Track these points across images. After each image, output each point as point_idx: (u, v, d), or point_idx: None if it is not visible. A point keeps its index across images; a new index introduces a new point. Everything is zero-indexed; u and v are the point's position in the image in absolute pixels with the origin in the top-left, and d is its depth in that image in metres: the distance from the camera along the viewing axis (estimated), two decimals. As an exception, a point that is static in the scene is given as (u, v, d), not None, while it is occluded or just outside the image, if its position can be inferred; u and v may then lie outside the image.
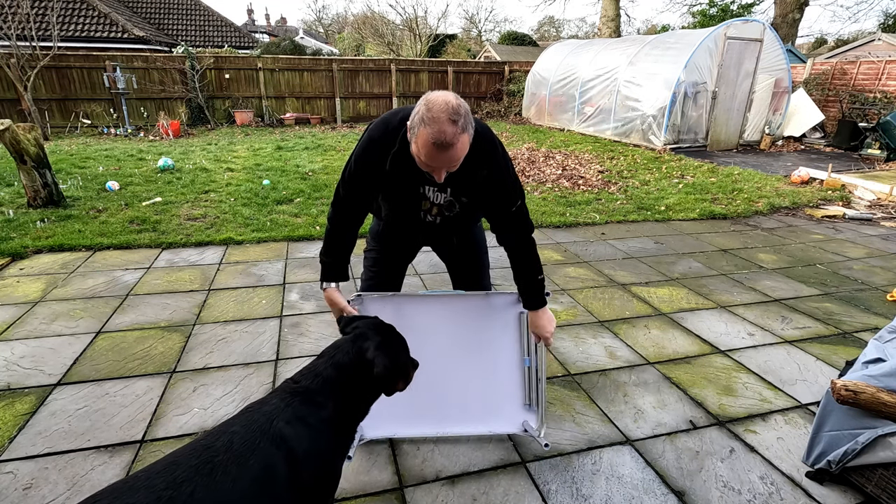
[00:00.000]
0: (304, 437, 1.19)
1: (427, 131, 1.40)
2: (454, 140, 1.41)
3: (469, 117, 1.46)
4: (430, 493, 1.84)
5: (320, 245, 4.34)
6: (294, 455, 1.15)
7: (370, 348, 1.38)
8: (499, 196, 1.73)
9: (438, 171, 1.51)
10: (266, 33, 31.65)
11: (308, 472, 1.18)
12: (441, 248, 2.17)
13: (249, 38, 19.69)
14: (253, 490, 1.08)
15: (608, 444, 2.11)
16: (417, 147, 1.47)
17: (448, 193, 1.74)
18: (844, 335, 3.09)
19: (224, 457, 1.10)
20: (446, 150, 1.42)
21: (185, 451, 1.13)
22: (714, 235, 5.01)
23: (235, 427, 1.18)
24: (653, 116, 9.41)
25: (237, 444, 1.13)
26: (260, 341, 2.83)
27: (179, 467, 1.06)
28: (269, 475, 1.11)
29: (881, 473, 1.77)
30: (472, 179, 1.67)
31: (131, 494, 1.00)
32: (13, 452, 1.97)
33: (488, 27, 43.24)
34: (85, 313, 3.10)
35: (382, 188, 1.73)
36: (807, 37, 32.86)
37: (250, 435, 1.15)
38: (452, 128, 1.39)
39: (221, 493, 1.05)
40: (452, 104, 1.42)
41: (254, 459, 1.11)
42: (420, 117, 1.43)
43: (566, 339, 2.96)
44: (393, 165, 1.63)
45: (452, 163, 1.48)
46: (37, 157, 4.91)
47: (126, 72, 11.22)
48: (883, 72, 10.25)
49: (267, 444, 1.14)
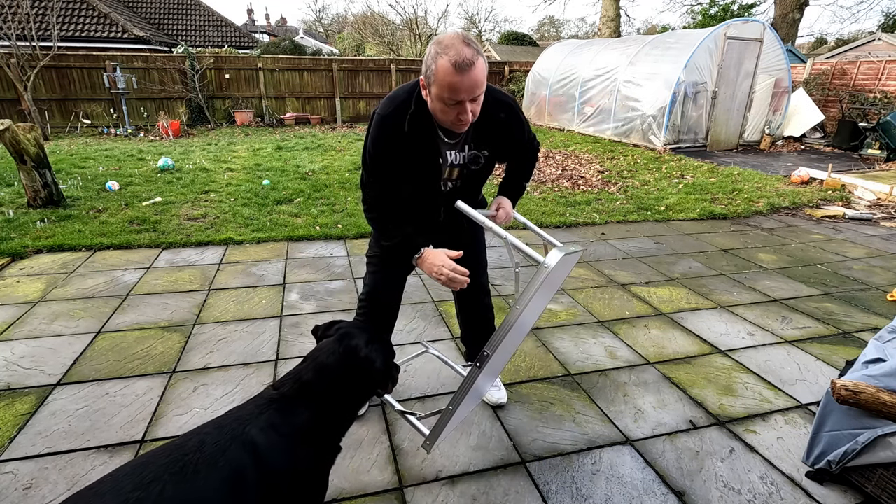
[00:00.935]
0: (275, 445, 1.17)
1: (445, 59, 1.42)
2: (474, 59, 1.43)
3: (480, 47, 1.49)
4: (430, 493, 1.84)
5: (320, 245, 4.39)
6: (264, 462, 1.13)
7: (361, 346, 1.33)
8: (517, 132, 1.81)
9: (463, 107, 1.49)
10: (266, 33, 31.65)
11: (280, 481, 1.16)
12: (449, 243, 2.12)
13: (249, 38, 19.69)
14: (222, 490, 1.07)
15: (608, 444, 2.11)
16: (438, 86, 1.47)
17: (468, 149, 1.75)
18: (844, 335, 3.09)
19: (194, 457, 1.09)
20: (468, 70, 1.43)
21: (155, 452, 1.12)
22: (714, 235, 5.01)
23: (208, 429, 1.17)
24: (653, 116, 9.41)
25: (208, 445, 1.11)
26: (260, 341, 2.83)
27: (148, 467, 1.05)
28: (238, 478, 1.09)
29: (881, 473, 1.77)
30: (493, 125, 1.71)
31: (97, 500, 0.98)
32: (13, 452, 1.97)
33: (488, 27, 43.28)
34: (85, 313, 3.10)
35: (404, 160, 1.68)
36: (807, 37, 32.90)
37: (221, 438, 1.14)
38: (468, 48, 1.43)
39: (191, 490, 1.04)
40: (462, 33, 1.47)
41: (223, 461, 1.09)
42: (434, 54, 1.46)
43: (566, 339, 2.96)
44: (412, 126, 1.62)
45: (477, 89, 1.48)
46: (37, 157, 4.91)
47: (126, 72, 11.22)
48: (883, 72, 10.25)
49: (237, 449, 1.12)
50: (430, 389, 2.45)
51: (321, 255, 4.18)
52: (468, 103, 1.50)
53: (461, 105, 1.49)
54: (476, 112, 1.56)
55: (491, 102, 1.65)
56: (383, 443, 2.08)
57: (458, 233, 2.05)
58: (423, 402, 2.36)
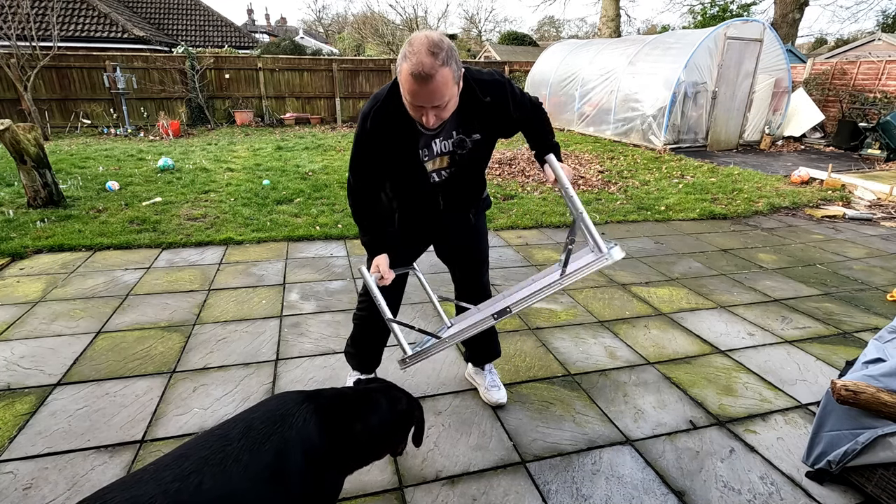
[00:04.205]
0: (316, 438, 1.22)
1: (407, 65, 1.41)
2: (432, 71, 1.39)
3: (453, 53, 1.44)
4: (430, 493, 1.84)
5: (320, 245, 4.40)
6: (307, 451, 1.18)
7: (403, 399, 1.56)
8: (513, 109, 1.73)
9: (426, 112, 1.49)
10: (266, 33, 31.66)
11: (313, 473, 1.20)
12: (454, 231, 2.08)
13: (249, 38, 19.69)
14: (263, 476, 1.10)
15: (608, 444, 2.11)
16: (402, 86, 1.47)
17: (456, 135, 1.73)
18: (844, 335, 3.09)
19: (237, 445, 1.12)
20: (426, 82, 1.40)
21: (196, 443, 1.14)
22: (714, 235, 5.01)
23: (256, 415, 1.22)
24: (653, 116, 9.41)
25: (255, 430, 1.15)
26: (260, 341, 2.83)
27: (188, 459, 1.08)
28: (282, 462, 1.13)
29: (881, 473, 1.77)
30: (480, 109, 1.66)
31: (139, 487, 1.01)
32: (13, 452, 1.97)
33: (488, 27, 43.31)
34: (85, 313, 3.10)
35: (386, 153, 1.71)
36: (807, 37, 32.91)
37: (267, 425, 1.18)
38: (431, 59, 1.38)
39: (231, 482, 1.06)
40: (433, 38, 1.41)
41: (269, 445, 1.13)
42: (402, 54, 1.44)
43: (566, 339, 2.96)
44: (388, 120, 1.62)
45: (436, 99, 1.45)
46: (37, 157, 4.91)
47: (126, 72, 11.22)
48: (883, 72, 10.24)
49: (283, 433, 1.17)
50: (430, 390, 2.45)
51: (321, 255, 4.18)
52: (429, 110, 1.49)
53: (422, 108, 1.49)
54: (442, 117, 1.54)
55: (473, 87, 1.63)
56: (383, 443, 2.08)
57: (461, 221, 2.03)
58: (423, 402, 2.35)
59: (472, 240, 2.12)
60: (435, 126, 1.57)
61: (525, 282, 1.82)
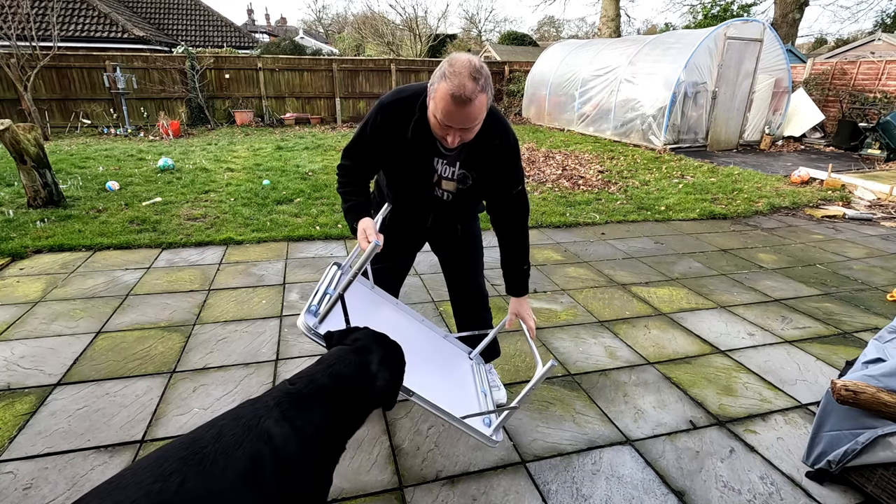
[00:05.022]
0: (290, 437, 1.19)
1: (447, 85, 1.42)
2: (473, 96, 1.42)
3: (489, 81, 1.48)
4: (430, 493, 1.84)
5: (320, 245, 4.40)
6: (280, 453, 1.16)
7: (374, 362, 1.39)
8: (506, 171, 1.76)
9: (453, 132, 1.51)
10: (266, 33, 31.67)
11: (294, 471, 1.18)
12: (441, 241, 2.14)
13: (249, 38, 19.69)
14: (241, 480, 1.09)
15: (608, 444, 2.11)
16: (435, 104, 1.49)
17: (458, 167, 1.75)
18: (844, 335, 3.09)
19: (213, 448, 1.10)
20: (464, 105, 1.43)
21: (172, 445, 1.13)
22: (714, 235, 5.01)
23: (224, 420, 1.19)
24: (653, 116, 9.41)
25: (226, 436, 1.13)
26: (260, 341, 2.83)
27: (167, 461, 1.07)
28: (256, 467, 1.11)
29: (881, 473, 1.77)
30: (485, 149, 1.68)
31: (120, 493, 1.00)
32: (13, 452, 1.97)
33: (488, 27, 43.28)
34: (85, 313, 3.10)
35: (397, 157, 1.73)
36: (807, 37, 32.89)
37: (238, 429, 1.16)
38: (473, 84, 1.41)
39: (212, 481, 1.06)
40: (475, 63, 1.45)
41: (241, 451, 1.11)
42: (442, 73, 1.45)
43: (566, 339, 2.96)
44: (414, 133, 1.64)
45: (468, 122, 1.48)
46: (37, 157, 4.91)
47: (126, 72, 11.22)
48: (883, 72, 10.25)
49: (254, 439, 1.14)
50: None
51: (321, 255, 4.18)
52: (458, 131, 1.51)
53: (450, 129, 1.51)
54: (466, 138, 1.56)
55: (489, 125, 1.63)
56: (383, 443, 2.08)
57: (447, 233, 2.06)
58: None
59: (460, 249, 2.14)
60: (454, 146, 1.58)
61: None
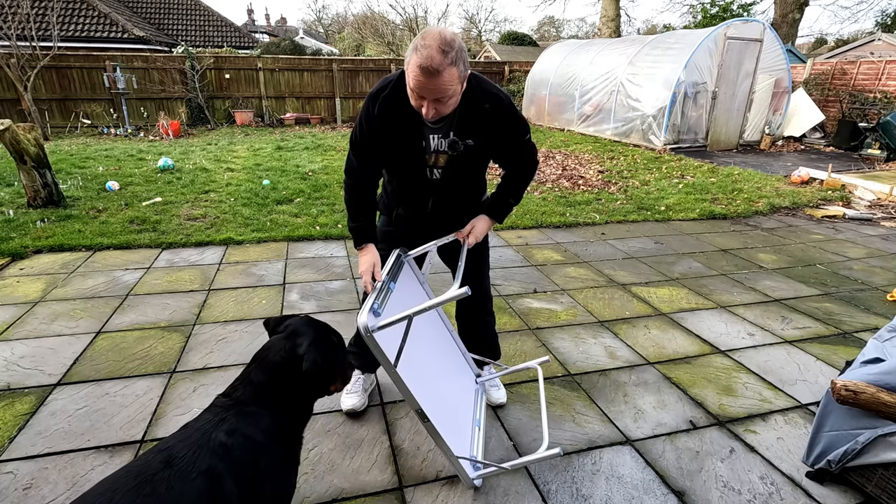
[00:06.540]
0: (244, 447, 1.15)
1: (416, 57, 1.46)
2: (441, 68, 1.44)
3: (462, 54, 1.50)
4: (430, 493, 1.84)
5: (320, 245, 4.40)
6: (237, 465, 1.11)
7: (302, 344, 1.33)
8: (508, 128, 1.77)
9: (427, 104, 1.54)
10: (266, 33, 31.66)
11: (255, 481, 1.14)
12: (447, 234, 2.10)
13: (249, 38, 19.69)
14: (201, 500, 1.04)
15: (608, 444, 2.11)
16: (409, 76, 1.53)
17: (451, 136, 1.76)
18: (844, 335, 3.09)
19: (164, 474, 1.04)
20: (433, 77, 1.45)
21: (118, 476, 1.05)
22: (714, 235, 5.01)
23: (171, 443, 1.13)
24: (653, 116, 9.41)
25: (177, 459, 1.07)
26: (260, 341, 2.83)
27: (116, 493, 0.99)
28: (216, 485, 1.07)
29: (881, 473, 1.77)
30: (477, 116, 1.70)
31: None
32: (13, 452, 1.97)
33: (488, 27, 43.30)
34: (85, 313, 3.09)
35: (392, 137, 1.75)
36: (807, 37, 32.92)
37: (188, 450, 1.10)
38: (441, 56, 1.44)
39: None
40: (447, 36, 1.47)
41: (195, 472, 1.06)
42: (414, 45, 1.49)
43: (566, 338, 2.96)
44: (395, 106, 1.68)
45: (439, 93, 1.50)
46: (37, 157, 4.91)
47: (126, 72, 11.22)
48: (883, 72, 10.25)
49: (207, 457, 1.09)
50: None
51: (321, 255, 4.18)
52: (431, 102, 1.53)
53: (423, 100, 1.54)
54: (441, 111, 1.58)
55: (476, 94, 1.68)
56: (383, 443, 2.08)
57: (449, 228, 2.04)
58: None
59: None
60: (433, 118, 1.60)
61: None
